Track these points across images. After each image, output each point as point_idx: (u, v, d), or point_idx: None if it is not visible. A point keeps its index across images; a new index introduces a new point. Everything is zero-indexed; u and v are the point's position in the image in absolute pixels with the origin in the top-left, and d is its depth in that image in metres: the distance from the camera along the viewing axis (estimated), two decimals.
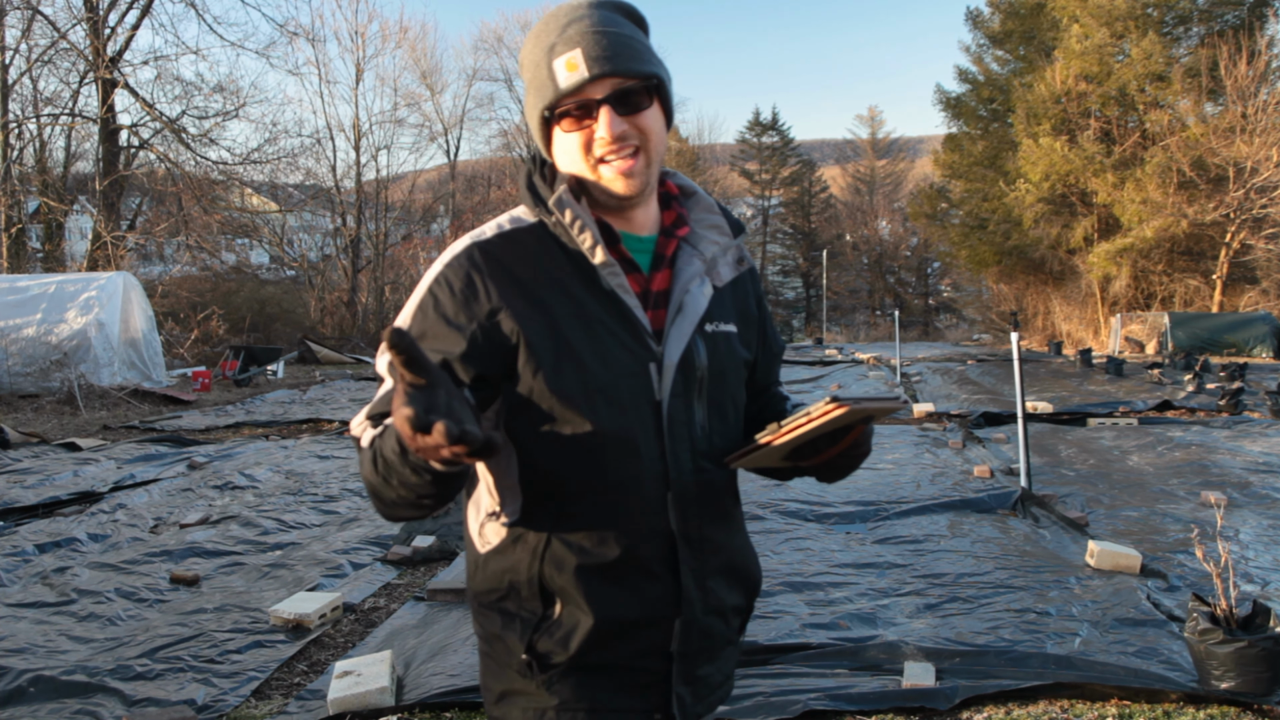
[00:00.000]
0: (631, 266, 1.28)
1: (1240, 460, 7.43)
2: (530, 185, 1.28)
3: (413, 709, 3.23)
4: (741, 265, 1.38)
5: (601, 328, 1.22)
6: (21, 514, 6.40)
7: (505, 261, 1.23)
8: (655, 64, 1.24)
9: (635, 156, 1.22)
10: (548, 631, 1.24)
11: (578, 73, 1.18)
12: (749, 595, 1.41)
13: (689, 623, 1.27)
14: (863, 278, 46.67)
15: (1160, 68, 21.63)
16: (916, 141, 55.08)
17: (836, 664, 3.47)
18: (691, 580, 1.27)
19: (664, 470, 1.24)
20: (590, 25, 1.20)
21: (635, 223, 1.29)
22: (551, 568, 1.23)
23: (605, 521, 1.23)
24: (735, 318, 1.36)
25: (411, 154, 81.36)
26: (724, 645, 1.36)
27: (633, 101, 1.21)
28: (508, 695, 1.29)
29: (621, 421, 1.21)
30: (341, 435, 9.72)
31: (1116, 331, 19.96)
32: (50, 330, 12.67)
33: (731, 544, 1.36)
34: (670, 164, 25.62)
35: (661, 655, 1.27)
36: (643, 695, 1.28)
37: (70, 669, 3.61)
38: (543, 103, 1.22)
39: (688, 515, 1.26)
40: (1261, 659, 3.07)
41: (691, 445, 1.27)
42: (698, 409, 1.28)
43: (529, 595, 1.25)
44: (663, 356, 1.25)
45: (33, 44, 19.50)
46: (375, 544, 5.44)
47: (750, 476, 7.02)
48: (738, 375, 1.35)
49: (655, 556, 1.25)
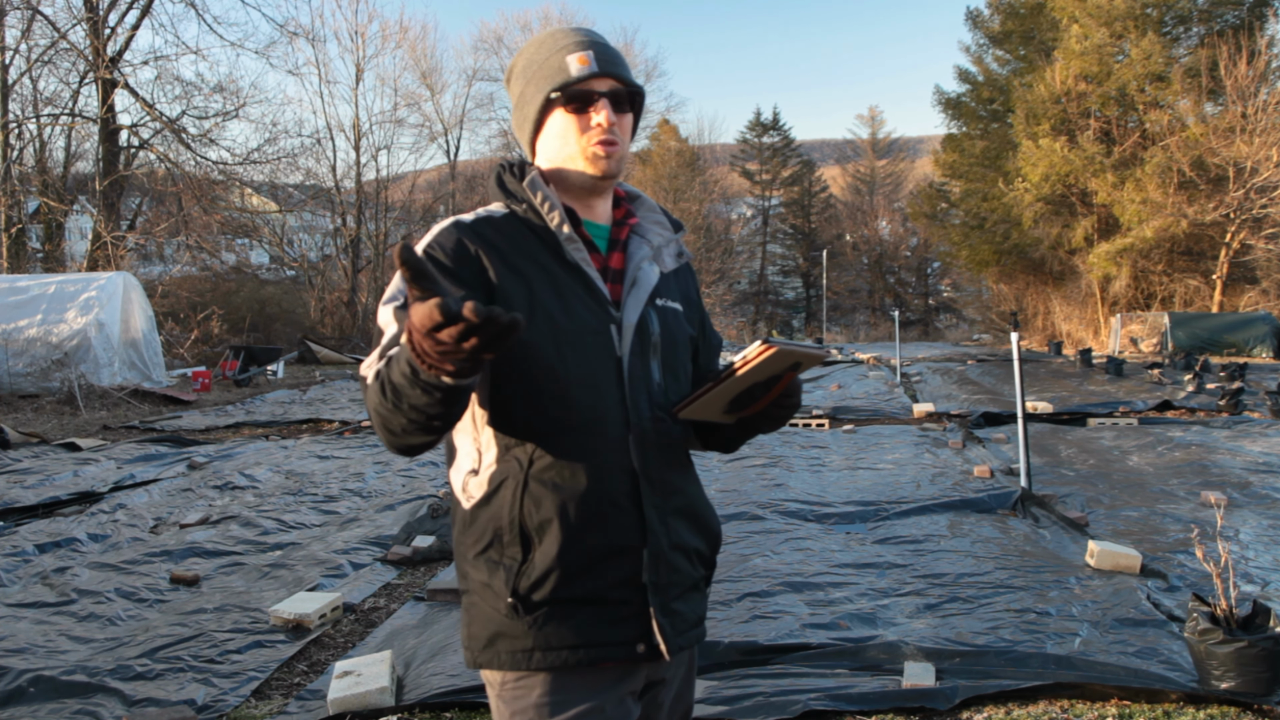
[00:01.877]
0: (592, 246, 1.47)
1: (1240, 460, 7.43)
2: (500, 182, 1.48)
3: (413, 709, 3.23)
4: (681, 258, 1.59)
5: (569, 291, 1.40)
6: (21, 514, 6.40)
7: (485, 234, 1.41)
8: (637, 82, 1.49)
9: (616, 147, 1.43)
10: (527, 574, 1.34)
11: (589, 67, 1.41)
12: (710, 545, 1.53)
13: (656, 553, 1.39)
14: (863, 278, 46.69)
15: (1160, 68, 21.64)
16: (917, 141, 55.03)
17: (836, 664, 3.46)
18: (654, 514, 1.40)
19: (625, 414, 1.39)
20: (595, 38, 1.46)
21: (595, 211, 1.50)
22: (531, 505, 1.34)
23: (574, 456, 1.36)
24: (680, 299, 1.56)
25: (411, 154, 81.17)
26: (691, 588, 1.47)
27: (621, 104, 1.44)
28: (496, 638, 1.37)
29: (587, 369, 1.38)
30: (341, 435, 9.73)
31: (1116, 331, 19.96)
32: (50, 330, 12.67)
33: (689, 490, 1.50)
34: (671, 163, 25.75)
35: (635, 586, 1.38)
36: (624, 627, 1.38)
37: (70, 669, 3.61)
38: (551, 85, 1.42)
39: (647, 457, 1.40)
40: (1261, 659, 3.07)
41: (649, 397, 1.43)
42: (654, 368, 1.45)
43: (510, 540, 1.35)
44: (621, 320, 1.43)
45: (33, 44, 19.51)
46: (375, 544, 5.44)
47: (749, 476, 6.94)
48: (685, 346, 1.54)
49: (620, 490, 1.38)
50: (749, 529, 5.51)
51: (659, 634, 1.38)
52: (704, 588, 1.53)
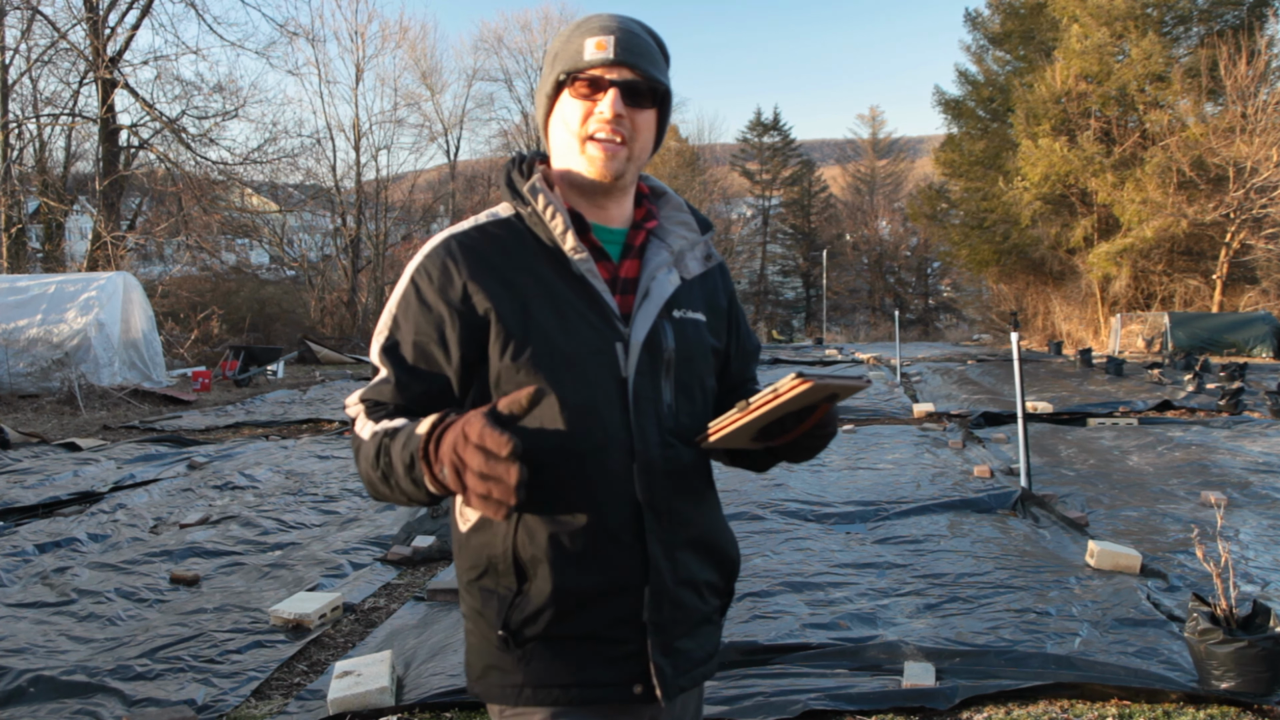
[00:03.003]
0: (601, 254, 1.36)
1: (1240, 460, 7.43)
2: (509, 180, 1.39)
3: (413, 709, 3.23)
4: (709, 261, 1.47)
5: (570, 308, 1.30)
6: (21, 514, 6.40)
7: (479, 250, 1.32)
8: (665, 78, 1.36)
9: (621, 146, 1.32)
10: (520, 607, 1.28)
11: (604, 52, 1.30)
12: (724, 575, 1.44)
13: (659, 591, 1.30)
14: (863, 278, 46.68)
15: (1160, 68, 21.63)
16: (917, 141, 55.03)
17: (836, 664, 3.46)
18: (659, 550, 1.31)
19: (629, 441, 1.29)
20: (625, 25, 1.34)
21: (608, 214, 1.39)
22: (524, 537, 1.28)
23: (572, 489, 1.27)
24: (704, 308, 1.44)
25: (411, 154, 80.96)
26: (701, 622, 1.38)
27: (638, 97, 1.32)
28: (488, 671, 1.32)
29: (586, 395, 1.28)
30: (341, 435, 9.73)
31: (1116, 331, 19.96)
32: (50, 330, 12.67)
33: (701, 520, 1.39)
34: (671, 163, 25.62)
35: (635, 625, 1.30)
36: (620, 667, 1.30)
37: (70, 669, 3.61)
38: (564, 66, 1.32)
39: (654, 486, 1.30)
40: (1261, 659, 3.07)
41: (658, 421, 1.32)
42: (665, 388, 1.34)
43: (504, 570, 1.29)
44: (629, 337, 1.32)
45: (33, 44, 19.51)
46: (375, 544, 5.44)
47: (747, 476, 6.91)
48: (705, 361, 1.42)
49: (622, 524, 1.29)
50: (749, 529, 5.51)
51: (655, 676, 1.30)
52: (717, 619, 1.44)
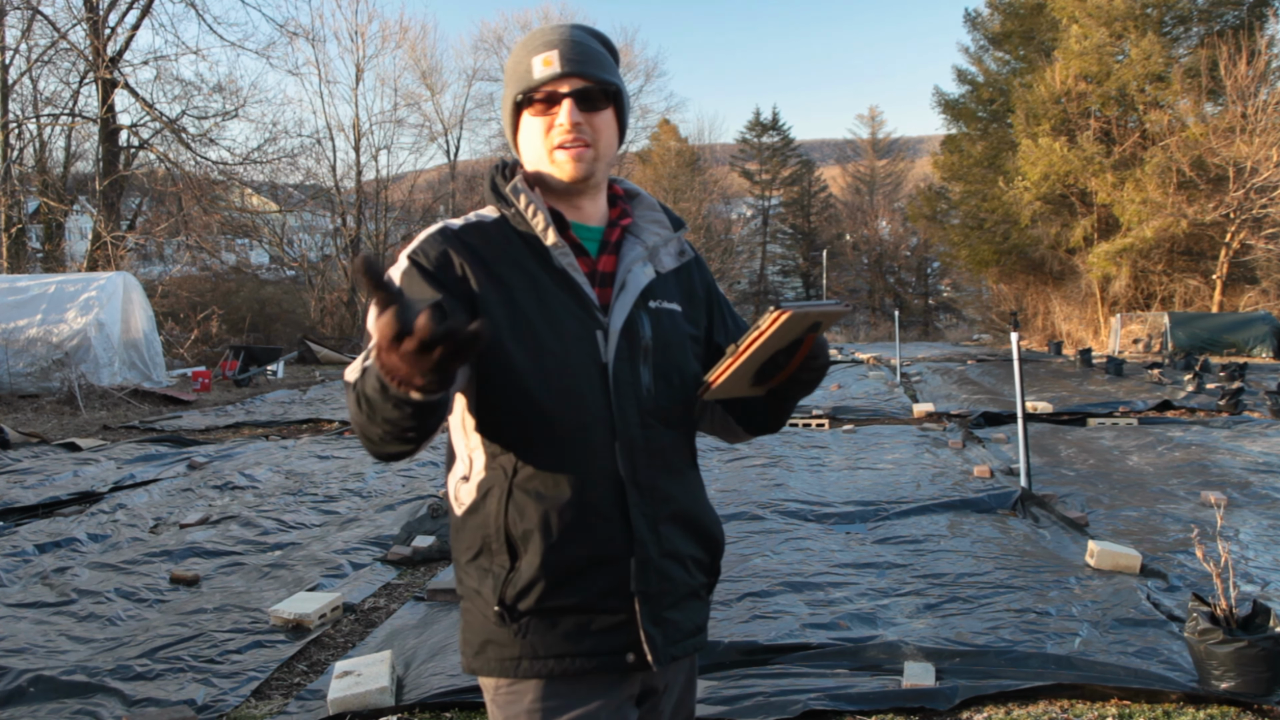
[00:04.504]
0: (580, 250, 1.45)
1: (1240, 460, 7.43)
2: (493, 184, 1.47)
3: (413, 709, 3.23)
4: (683, 256, 1.56)
5: (553, 299, 1.39)
6: (21, 514, 6.40)
7: (470, 242, 1.40)
8: (615, 77, 1.44)
9: (586, 148, 1.40)
10: (513, 582, 1.34)
11: (551, 68, 1.38)
12: (709, 551, 1.50)
13: (644, 561, 1.37)
14: (863, 278, 46.65)
15: (1160, 68, 21.63)
16: (917, 141, 55.03)
17: (836, 664, 3.47)
18: (643, 523, 1.38)
19: (610, 420, 1.37)
20: (568, 36, 1.42)
21: (584, 213, 1.47)
22: (515, 514, 1.34)
23: (557, 466, 1.35)
24: (680, 298, 1.52)
25: (411, 154, 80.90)
26: (688, 595, 1.45)
27: (591, 101, 1.40)
28: (486, 645, 1.38)
29: (569, 379, 1.36)
30: (341, 435, 9.73)
31: (1116, 331, 19.95)
32: (50, 330, 12.67)
33: (683, 496, 1.46)
34: (671, 164, 25.73)
35: (624, 596, 1.36)
36: (612, 636, 1.36)
37: (70, 669, 3.61)
38: (518, 88, 1.41)
39: (636, 463, 1.38)
40: (1261, 659, 3.07)
41: (638, 403, 1.40)
42: (643, 372, 1.42)
43: (498, 549, 1.36)
44: (609, 325, 1.40)
45: (33, 44, 19.51)
46: (375, 544, 5.44)
47: (749, 476, 6.92)
48: (682, 348, 1.49)
49: (606, 499, 1.36)
50: (749, 529, 5.51)
51: (646, 644, 1.37)
52: (704, 595, 1.51)
